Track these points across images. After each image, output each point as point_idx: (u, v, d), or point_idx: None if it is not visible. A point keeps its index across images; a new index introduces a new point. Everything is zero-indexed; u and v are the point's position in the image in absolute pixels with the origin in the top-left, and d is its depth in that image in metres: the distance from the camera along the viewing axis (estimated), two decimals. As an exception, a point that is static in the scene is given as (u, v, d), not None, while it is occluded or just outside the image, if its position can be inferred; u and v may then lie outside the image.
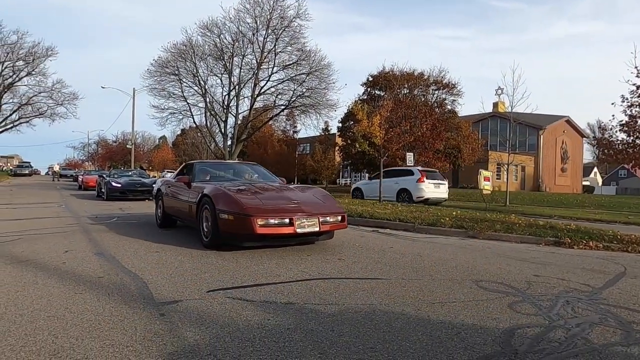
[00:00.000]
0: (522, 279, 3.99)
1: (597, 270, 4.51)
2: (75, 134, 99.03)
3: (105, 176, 16.66)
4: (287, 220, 4.81)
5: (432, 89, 31.35)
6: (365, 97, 32.05)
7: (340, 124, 34.22)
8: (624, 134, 16.82)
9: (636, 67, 13.71)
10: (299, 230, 4.82)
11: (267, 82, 30.98)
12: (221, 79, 31.50)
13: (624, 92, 15.34)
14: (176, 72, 30.45)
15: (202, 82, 30.91)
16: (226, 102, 31.52)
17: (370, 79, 32.44)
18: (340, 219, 5.34)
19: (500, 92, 31.82)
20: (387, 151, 19.97)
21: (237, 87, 30.97)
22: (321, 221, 5.01)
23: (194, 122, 34.40)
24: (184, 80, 30.82)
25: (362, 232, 7.43)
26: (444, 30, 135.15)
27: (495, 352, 2.26)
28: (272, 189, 5.83)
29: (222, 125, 32.30)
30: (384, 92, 30.01)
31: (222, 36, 29.82)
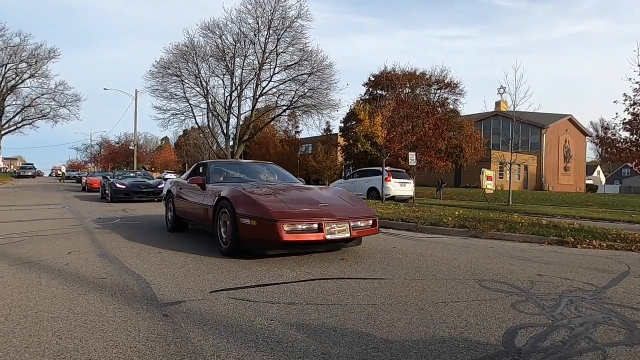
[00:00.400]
0: (525, 278, 3.98)
1: (601, 269, 4.50)
2: (78, 135, 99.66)
3: (109, 177, 16.51)
4: (316, 225, 4.36)
5: (434, 89, 31.34)
6: (367, 97, 32.06)
7: (342, 124, 34.27)
8: (627, 133, 16.76)
9: (639, 65, 13.65)
10: (328, 236, 4.38)
11: (268, 83, 31.07)
12: (223, 80, 31.59)
13: (627, 90, 15.28)
14: (178, 73, 30.55)
15: (204, 83, 31.00)
16: (228, 103, 31.59)
17: (372, 78, 32.45)
18: (371, 223, 4.90)
19: (502, 91, 31.73)
20: (389, 151, 19.95)
21: (239, 87, 31.02)
22: (352, 226, 4.58)
23: (196, 123, 34.52)
24: (186, 81, 30.94)
25: (365, 232, 7.42)
26: (446, 29, 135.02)
27: (498, 351, 2.26)
28: (295, 191, 5.40)
29: (224, 126, 32.38)
30: (386, 92, 29.99)
31: (223, 37, 29.92)
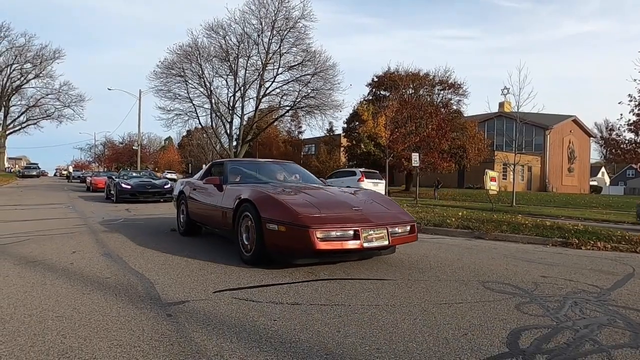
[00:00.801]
0: (529, 279, 3.97)
1: (605, 271, 4.47)
2: (82, 135, 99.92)
3: (114, 177, 16.22)
4: (352, 232, 3.89)
5: (438, 89, 31.27)
6: (370, 97, 32.03)
7: (345, 125, 34.22)
8: (632, 134, 16.68)
9: (644, 66, 13.58)
10: (365, 244, 3.90)
11: (272, 83, 31.16)
12: (226, 80, 31.71)
13: (632, 91, 15.20)
14: (182, 74, 30.66)
15: (207, 84, 31.10)
16: (231, 103, 31.69)
17: (375, 79, 32.41)
18: (409, 229, 4.43)
19: (506, 91, 31.65)
20: (393, 152, 19.95)
21: (242, 88, 31.12)
22: (390, 232, 4.11)
23: (200, 123, 34.60)
24: (190, 81, 31.05)
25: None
26: (450, 30, 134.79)
27: (502, 353, 2.25)
28: (324, 192, 4.89)
29: (227, 126, 32.48)
30: (389, 93, 29.98)
31: (227, 37, 30.03)
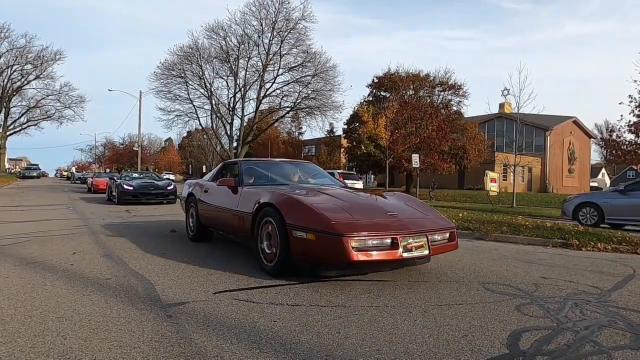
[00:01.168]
0: (530, 281, 3.96)
1: (606, 272, 4.47)
2: (82, 136, 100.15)
3: (116, 179, 15.73)
4: (389, 240, 3.48)
5: (438, 90, 31.31)
6: (370, 98, 32.07)
7: (345, 126, 34.26)
8: (633, 135, 16.68)
9: (645, 67, 13.59)
10: (405, 254, 3.50)
11: (272, 84, 31.19)
12: (227, 81, 31.75)
13: (632, 92, 15.19)
14: (182, 75, 30.71)
15: (207, 85, 31.14)
16: (232, 104, 31.73)
17: (375, 80, 32.45)
18: (448, 236, 4.01)
19: (506, 92, 31.62)
20: (393, 153, 19.95)
21: (242, 89, 31.15)
22: (430, 240, 3.70)
23: (200, 124, 34.65)
24: (190, 82, 31.09)
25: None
26: (450, 31, 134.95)
27: (502, 354, 2.25)
28: (353, 195, 4.44)
29: (227, 127, 32.50)
30: (390, 94, 30.01)
31: (227, 39, 30.07)
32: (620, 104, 15.90)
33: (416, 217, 4.03)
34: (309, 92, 30.42)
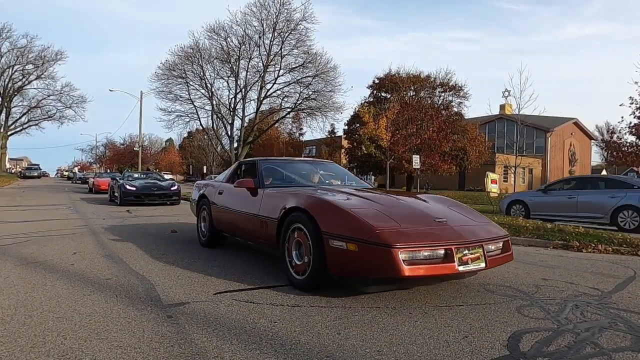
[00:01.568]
0: (530, 282, 3.96)
1: (607, 274, 4.47)
2: (83, 136, 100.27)
3: (118, 179, 15.31)
4: (442, 251, 3.05)
5: (439, 92, 31.32)
6: (371, 99, 32.08)
7: (346, 127, 34.25)
8: (633, 136, 16.67)
9: (645, 69, 13.60)
10: (460, 268, 3.04)
11: (273, 85, 31.18)
12: (228, 82, 31.74)
13: (633, 94, 15.19)
14: (183, 75, 30.71)
15: (208, 85, 31.15)
16: (232, 105, 31.72)
17: (376, 81, 32.46)
18: (502, 246, 3.55)
19: (507, 94, 31.64)
20: (394, 154, 19.95)
21: (243, 89, 31.16)
22: (486, 251, 3.25)
23: (201, 124, 34.65)
24: (191, 83, 31.09)
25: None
26: (450, 32, 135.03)
27: (503, 356, 2.25)
28: (392, 199, 3.92)
29: (228, 127, 32.49)
30: (390, 95, 30.03)
31: (228, 39, 30.07)
32: (621, 105, 15.93)
33: (468, 224, 3.54)
34: (310, 92, 30.42)
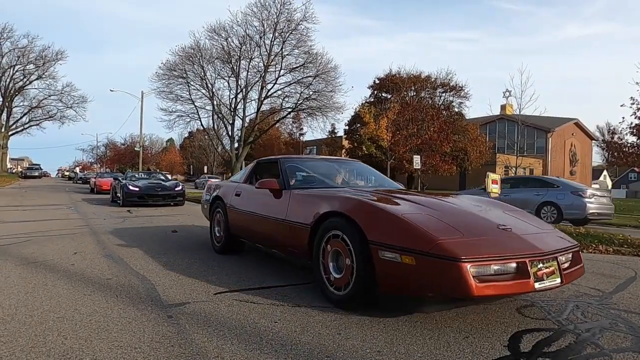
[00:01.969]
0: (531, 282, 3.95)
1: (607, 274, 4.46)
2: (84, 136, 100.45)
3: (120, 179, 14.93)
4: (514, 264, 2.59)
5: (439, 92, 31.36)
6: (372, 99, 32.11)
7: (347, 127, 34.28)
8: (634, 137, 16.66)
9: (646, 69, 13.59)
10: (537, 285, 2.59)
11: (274, 85, 31.17)
12: (228, 82, 31.74)
13: (634, 94, 15.18)
14: (184, 75, 30.72)
15: (209, 85, 31.15)
16: (233, 105, 31.72)
17: (377, 81, 32.50)
18: (571, 258, 3.05)
19: (508, 94, 31.63)
20: (394, 154, 19.95)
21: (244, 90, 31.15)
22: (560, 264, 2.79)
23: (202, 124, 34.67)
24: (192, 83, 31.10)
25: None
26: (451, 32, 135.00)
27: (503, 356, 2.25)
28: (441, 203, 3.39)
29: (229, 127, 32.49)
30: (391, 95, 30.05)
31: (229, 39, 30.08)
32: (622, 106, 15.91)
33: (535, 232, 3.04)
34: (311, 93, 30.40)
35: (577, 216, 10.93)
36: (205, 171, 48.84)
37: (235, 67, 30.58)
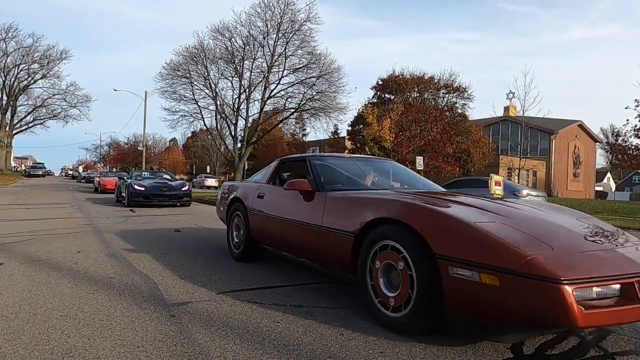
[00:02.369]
0: (534, 285, 3.93)
1: (611, 277, 4.44)
2: (88, 135, 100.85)
3: (125, 178, 14.50)
4: (617, 286, 2.11)
5: (443, 93, 31.34)
6: (375, 100, 32.11)
7: (349, 128, 34.25)
8: (638, 139, 16.58)
9: (651, 71, 13.55)
10: None
11: (277, 85, 31.19)
12: (232, 82, 31.80)
13: (638, 96, 15.10)
14: (187, 75, 30.80)
15: (212, 85, 31.22)
16: (236, 105, 31.77)
17: (380, 82, 32.50)
18: None
19: (511, 96, 31.57)
20: (397, 155, 19.92)
21: (247, 90, 31.19)
22: None
23: (205, 124, 34.77)
24: (195, 83, 31.17)
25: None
26: (455, 33, 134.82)
27: (506, 358, 2.24)
28: (505, 207, 2.87)
29: (232, 128, 32.56)
30: (394, 96, 30.04)
31: (233, 40, 30.14)
32: (626, 108, 15.85)
33: (629, 245, 2.54)
34: (314, 93, 30.41)
35: None
36: (207, 171, 48.96)
37: (238, 67, 30.64)
